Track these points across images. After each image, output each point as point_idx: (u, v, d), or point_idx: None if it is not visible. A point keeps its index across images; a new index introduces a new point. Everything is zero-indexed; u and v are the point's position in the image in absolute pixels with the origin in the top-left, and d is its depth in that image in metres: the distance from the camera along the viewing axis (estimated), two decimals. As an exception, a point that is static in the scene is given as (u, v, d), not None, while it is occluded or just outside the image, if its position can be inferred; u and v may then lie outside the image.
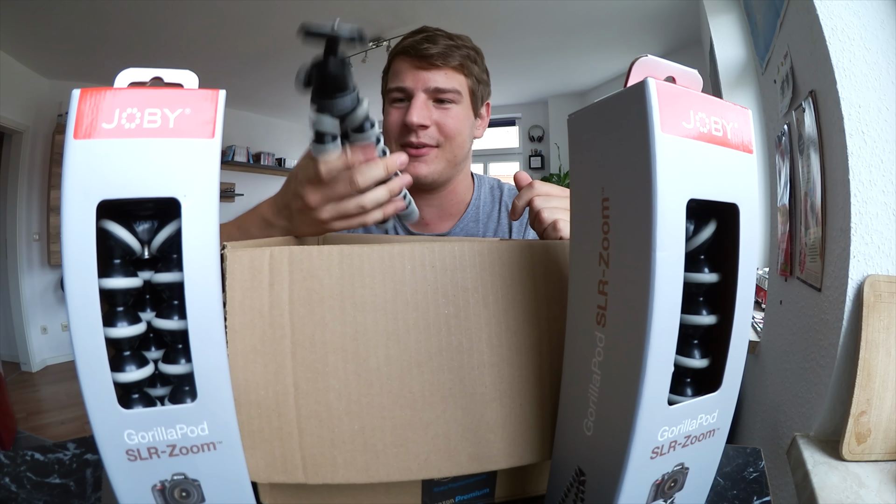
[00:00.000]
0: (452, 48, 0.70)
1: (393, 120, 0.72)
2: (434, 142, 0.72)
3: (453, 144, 0.73)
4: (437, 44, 0.69)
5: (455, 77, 0.71)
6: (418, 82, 0.70)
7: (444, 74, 0.70)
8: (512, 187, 0.85)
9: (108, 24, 2.73)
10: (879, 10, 0.74)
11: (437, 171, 0.73)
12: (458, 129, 0.73)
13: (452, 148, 0.73)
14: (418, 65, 0.70)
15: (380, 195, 0.45)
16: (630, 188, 0.24)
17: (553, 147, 4.63)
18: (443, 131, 0.72)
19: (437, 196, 0.79)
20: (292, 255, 0.31)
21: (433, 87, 0.70)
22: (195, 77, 0.26)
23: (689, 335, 0.27)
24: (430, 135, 0.71)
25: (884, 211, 0.70)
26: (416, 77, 0.70)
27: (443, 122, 0.71)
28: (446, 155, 0.73)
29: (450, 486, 0.36)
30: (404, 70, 0.71)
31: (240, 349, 0.30)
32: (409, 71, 0.70)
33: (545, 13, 2.82)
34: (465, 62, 0.72)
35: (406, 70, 0.71)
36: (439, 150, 0.72)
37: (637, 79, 0.24)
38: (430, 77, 0.70)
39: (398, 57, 0.72)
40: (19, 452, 0.47)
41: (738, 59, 1.85)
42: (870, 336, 0.65)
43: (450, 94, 0.71)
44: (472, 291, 0.32)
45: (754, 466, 0.47)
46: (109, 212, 0.25)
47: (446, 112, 0.72)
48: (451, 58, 0.70)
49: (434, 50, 0.69)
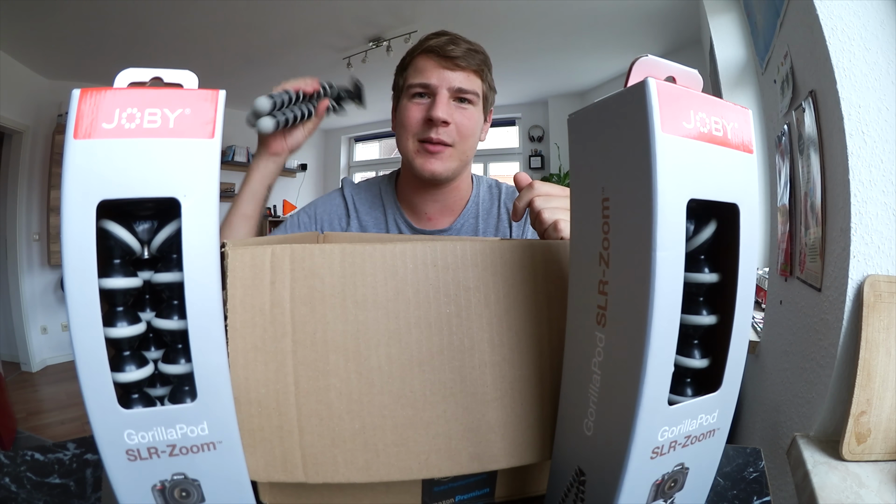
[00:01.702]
0: (473, 52, 0.74)
1: (413, 115, 0.75)
2: (450, 140, 0.75)
3: (466, 144, 0.76)
4: (459, 46, 0.73)
5: (474, 80, 0.75)
6: (443, 80, 0.73)
7: (465, 76, 0.74)
8: (510, 187, 0.87)
9: (108, 24, 2.72)
10: (879, 10, 0.74)
11: (451, 168, 0.76)
12: (473, 130, 0.76)
13: (465, 148, 0.77)
14: (444, 64, 0.73)
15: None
16: (630, 188, 0.24)
17: (553, 147, 4.63)
18: (460, 130, 0.75)
19: (442, 193, 0.82)
20: (294, 254, 0.31)
21: (456, 86, 0.73)
22: (195, 77, 0.26)
23: (690, 335, 0.27)
24: (448, 133, 0.74)
25: (884, 211, 0.70)
26: (440, 75, 0.73)
27: (461, 121, 0.75)
28: (459, 154, 0.76)
29: (450, 485, 0.36)
30: (429, 68, 0.74)
31: (240, 347, 0.30)
32: (434, 69, 0.73)
33: (545, 13, 2.82)
34: (482, 67, 0.76)
35: (431, 68, 0.73)
36: (453, 149, 0.76)
37: (637, 79, 0.24)
38: (454, 77, 0.73)
39: (422, 55, 0.75)
40: (19, 452, 0.47)
41: (738, 59, 1.85)
42: (870, 336, 0.65)
43: (469, 95, 0.75)
44: (474, 291, 0.32)
45: (754, 466, 0.47)
46: (109, 212, 0.25)
47: (464, 112, 0.75)
48: (472, 61, 0.74)
49: (458, 52, 0.73)
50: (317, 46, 3.29)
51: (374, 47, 3.24)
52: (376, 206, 0.85)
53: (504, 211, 0.85)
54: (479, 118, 0.77)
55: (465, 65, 0.73)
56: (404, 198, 0.85)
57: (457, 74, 0.73)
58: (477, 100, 0.76)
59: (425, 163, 0.75)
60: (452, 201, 0.84)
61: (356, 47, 3.30)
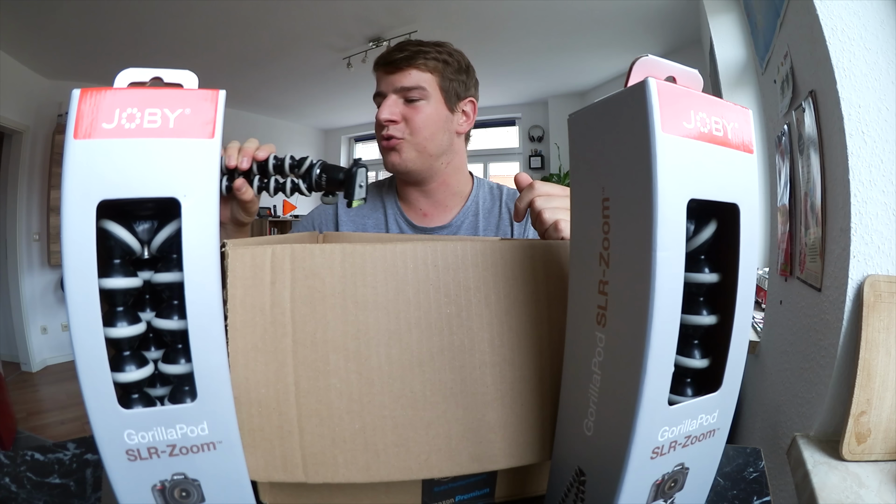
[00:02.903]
0: (419, 52, 0.79)
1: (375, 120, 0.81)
2: (400, 134, 0.80)
3: (421, 136, 0.80)
4: (403, 50, 0.79)
5: (419, 75, 0.79)
6: (388, 85, 0.80)
7: (408, 75, 0.78)
8: (511, 189, 0.90)
9: (108, 24, 2.73)
10: (879, 10, 0.74)
11: (410, 159, 0.81)
12: (425, 123, 0.80)
13: (421, 140, 0.80)
14: (387, 70, 0.80)
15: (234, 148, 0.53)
16: (630, 188, 0.24)
17: (553, 147, 4.63)
18: (410, 125, 0.80)
19: (428, 188, 0.86)
20: (294, 254, 0.31)
21: (399, 86, 0.79)
22: (195, 77, 0.26)
23: (690, 335, 0.27)
24: (398, 129, 0.79)
25: (884, 211, 0.70)
26: (386, 81, 0.80)
27: (410, 116, 0.79)
28: (416, 146, 0.81)
29: (450, 485, 0.36)
30: (379, 77, 0.82)
31: (241, 347, 0.30)
32: (382, 77, 0.81)
33: (545, 13, 2.82)
34: (432, 62, 0.80)
35: (380, 77, 0.81)
36: (406, 142, 0.80)
37: (637, 79, 0.24)
38: (396, 79, 0.79)
39: (375, 69, 0.83)
40: (19, 452, 0.46)
41: (738, 59, 1.85)
42: (870, 336, 0.65)
43: (415, 92, 0.79)
44: (475, 291, 0.32)
45: (754, 466, 0.47)
46: (109, 212, 0.25)
47: (414, 108, 0.79)
48: (415, 59, 0.78)
49: (399, 55, 0.78)
50: (317, 46, 3.30)
51: (374, 47, 3.24)
52: (377, 207, 0.90)
53: (505, 211, 0.87)
54: (434, 111, 0.80)
55: (406, 65, 0.78)
56: (403, 197, 0.89)
57: (398, 76, 0.78)
58: (426, 94, 0.79)
59: (386, 158, 0.82)
60: (444, 197, 0.87)
61: (356, 47, 3.30)
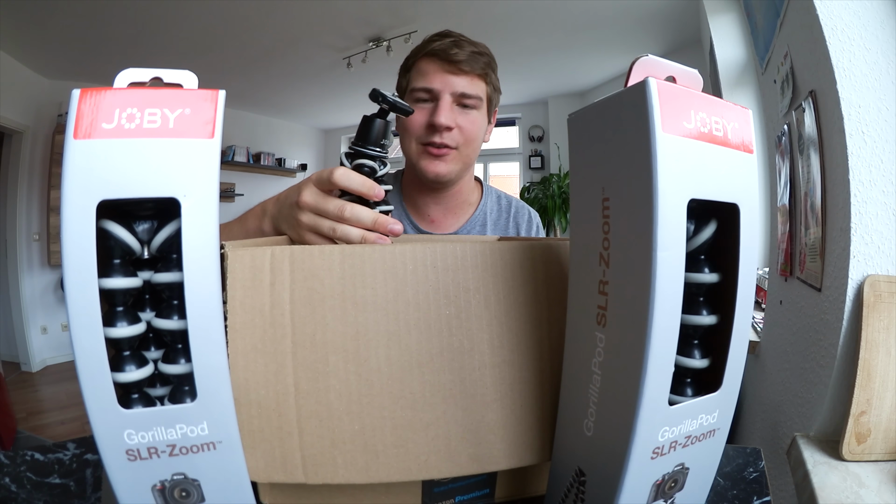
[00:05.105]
0: (476, 55, 0.73)
1: (416, 119, 0.74)
2: (454, 144, 0.74)
3: (470, 148, 0.76)
4: (463, 49, 0.72)
5: (478, 84, 0.74)
6: (446, 85, 0.72)
7: (469, 80, 0.73)
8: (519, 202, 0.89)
9: (108, 24, 2.72)
10: (879, 10, 0.74)
11: (455, 171, 0.76)
12: (476, 134, 0.76)
13: (469, 151, 0.76)
14: (447, 69, 0.72)
15: (353, 234, 0.43)
16: (631, 188, 0.24)
17: (553, 147, 4.62)
18: (463, 134, 0.74)
19: (445, 195, 0.82)
20: (293, 255, 0.31)
21: (459, 91, 0.72)
22: (195, 77, 0.26)
23: (690, 335, 0.27)
24: (452, 137, 0.74)
25: (884, 211, 0.70)
26: (444, 80, 0.72)
27: (464, 125, 0.74)
28: (463, 157, 0.76)
29: (450, 486, 0.36)
30: (432, 72, 0.73)
31: (240, 348, 0.30)
32: (438, 74, 0.72)
33: (545, 13, 2.82)
34: (487, 70, 0.75)
35: (434, 72, 0.73)
36: (457, 152, 0.75)
37: (637, 78, 0.24)
38: (458, 82, 0.72)
39: (426, 58, 0.74)
40: (19, 452, 0.46)
41: (738, 59, 1.85)
42: (870, 336, 0.65)
43: (473, 100, 0.74)
44: (474, 292, 0.32)
45: (754, 466, 0.47)
46: (109, 212, 0.25)
47: (468, 116, 0.74)
48: (476, 65, 0.73)
49: (462, 56, 0.72)
50: (317, 46, 3.29)
51: (374, 47, 3.24)
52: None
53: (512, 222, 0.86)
54: (482, 122, 0.77)
55: (469, 69, 0.72)
56: (409, 198, 0.85)
57: (460, 79, 0.72)
58: (480, 104, 0.75)
59: (429, 165, 0.75)
60: (455, 204, 0.84)
61: (356, 47, 3.30)
